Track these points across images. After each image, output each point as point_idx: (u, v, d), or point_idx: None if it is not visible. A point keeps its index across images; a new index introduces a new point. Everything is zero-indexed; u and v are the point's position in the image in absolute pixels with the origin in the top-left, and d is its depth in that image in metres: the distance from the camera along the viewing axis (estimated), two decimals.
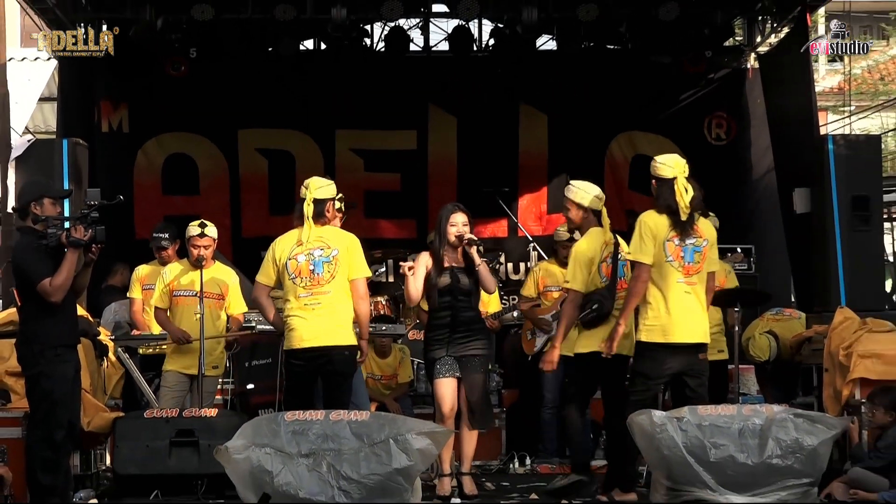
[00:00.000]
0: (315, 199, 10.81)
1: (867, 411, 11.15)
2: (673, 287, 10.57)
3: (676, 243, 10.58)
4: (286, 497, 9.56)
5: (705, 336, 10.75)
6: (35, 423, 10.20)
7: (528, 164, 18.07)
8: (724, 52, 18.12)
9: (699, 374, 10.75)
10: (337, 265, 10.67)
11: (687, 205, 10.54)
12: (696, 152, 17.51)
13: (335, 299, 10.69)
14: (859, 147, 14.02)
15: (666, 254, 10.56)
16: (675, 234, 10.57)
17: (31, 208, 10.18)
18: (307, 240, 10.71)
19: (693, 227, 10.62)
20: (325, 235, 10.73)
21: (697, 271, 10.65)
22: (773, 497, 9.86)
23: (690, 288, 10.62)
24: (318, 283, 10.67)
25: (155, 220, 16.06)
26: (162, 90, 17.57)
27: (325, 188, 10.95)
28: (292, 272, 10.70)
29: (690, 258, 10.61)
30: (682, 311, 10.56)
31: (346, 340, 10.73)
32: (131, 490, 11.14)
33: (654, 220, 10.64)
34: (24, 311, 10.22)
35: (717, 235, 13.43)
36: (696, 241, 10.64)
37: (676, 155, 10.98)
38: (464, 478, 11.09)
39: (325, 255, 10.67)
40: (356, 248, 10.81)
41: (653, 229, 10.58)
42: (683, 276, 10.58)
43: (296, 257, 10.70)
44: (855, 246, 13.37)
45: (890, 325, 12.40)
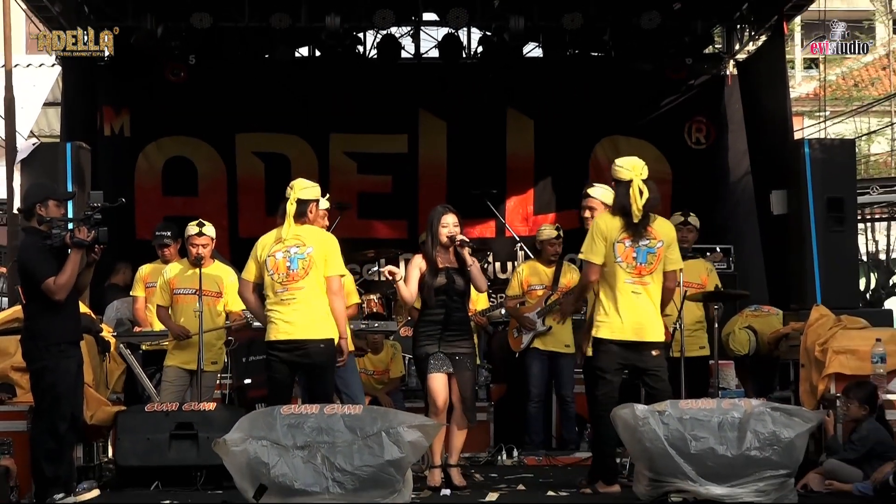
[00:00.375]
0: (298, 198, 10.87)
1: (842, 405, 11.17)
2: (621, 287, 10.59)
3: (627, 245, 10.58)
4: (282, 488, 9.57)
5: (655, 334, 10.73)
6: (39, 416, 10.23)
7: (516, 167, 18.08)
8: (703, 59, 18.13)
9: (654, 369, 10.74)
10: (311, 262, 10.72)
11: (639, 207, 10.54)
12: (677, 156, 17.64)
13: (310, 295, 10.73)
14: (834, 151, 14.02)
15: (615, 255, 10.57)
16: (626, 235, 10.57)
17: (36, 209, 10.21)
18: (286, 237, 10.78)
19: (647, 229, 10.61)
20: (303, 234, 10.79)
21: (650, 272, 10.63)
22: (752, 488, 9.87)
23: (641, 288, 10.62)
24: (293, 279, 10.73)
25: (155, 220, 16.04)
26: (162, 95, 17.58)
27: (309, 189, 11.00)
28: (270, 269, 10.78)
29: (643, 259, 10.60)
30: (629, 311, 10.58)
31: (322, 334, 10.75)
32: (132, 481, 11.14)
33: (605, 223, 10.67)
34: (29, 309, 10.24)
35: (698, 235, 13.54)
36: (649, 243, 10.63)
37: (636, 158, 10.96)
38: (452, 469, 11.09)
39: (300, 252, 10.73)
40: (331, 246, 10.86)
41: (604, 231, 10.62)
42: (633, 277, 10.59)
43: (274, 254, 10.78)
44: (830, 246, 13.39)
45: (864, 323, 12.43)
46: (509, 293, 13.83)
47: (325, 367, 10.81)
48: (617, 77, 17.94)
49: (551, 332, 13.55)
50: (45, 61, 27.49)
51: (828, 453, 11.10)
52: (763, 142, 16.36)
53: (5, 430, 10.94)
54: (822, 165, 13.58)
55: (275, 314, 10.79)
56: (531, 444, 13.56)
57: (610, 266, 10.59)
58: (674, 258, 10.80)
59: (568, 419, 13.83)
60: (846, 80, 37.45)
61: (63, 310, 10.12)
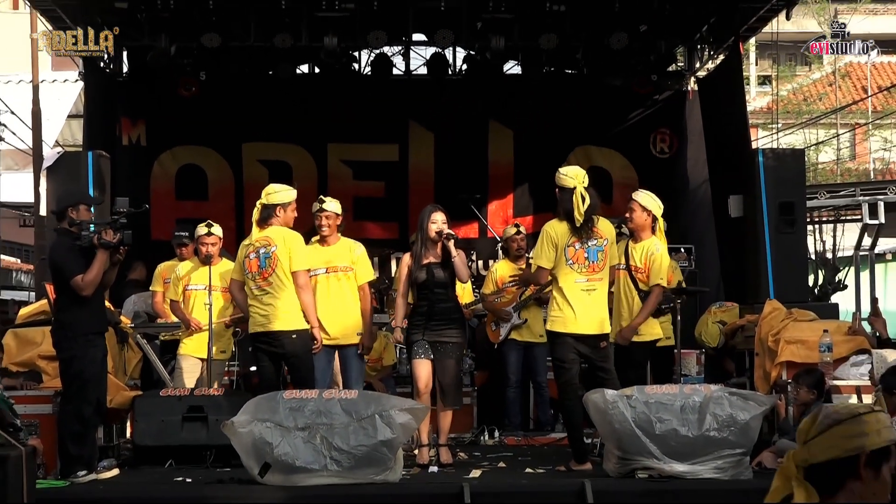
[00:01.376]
0: (263, 204, 11.09)
1: (792, 390, 11.18)
2: (572, 286, 10.62)
3: (577, 247, 10.63)
4: (284, 466, 9.57)
5: (605, 327, 10.79)
6: (67, 400, 10.24)
7: (497, 174, 18.07)
8: (667, 76, 18.14)
9: (604, 359, 10.81)
10: (276, 260, 10.86)
11: (581, 212, 10.57)
12: (643, 164, 17.65)
13: (278, 290, 10.88)
14: (786, 159, 14.04)
15: (566, 258, 10.61)
16: (574, 238, 10.62)
17: (69, 212, 10.25)
18: (253, 241, 11.02)
19: (593, 230, 10.66)
20: (270, 234, 10.96)
21: (602, 268, 10.70)
22: (711, 465, 9.89)
23: (594, 284, 10.68)
24: (264, 276, 10.92)
25: (169, 223, 16.09)
26: (175, 108, 17.55)
27: (275, 194, 11.16)
28: (247, 269, 11.01)
29: (594, 258, 10.65)
30: (580, 306, 10.61)
31: (292, 325, 10.89)
32: (148, 459, 11.13)
33: (555, 230, 10.71)
34: (59, 302, 10.27)
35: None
36: (597, 242, 10.68)
37: (577, 167, 11.11)
38: (441, 448, 11.09)
39: (266, 251, 10.91)
40: (294, 244, 10.96)
41: (553, 238, 10.65)
42: (585, 276, 10.63)
43: (249, 255, 10.99)
44: (782, 246, 13.41)
45: (812, 315, 12.46)
46: (485, 290, 13.87)
47: (298, 355, 10.91)
48: (589, 92, 17.96)
49: (527, 324, 13.58)
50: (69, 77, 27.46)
51: (780, 434, 11.12)
52: (721, 151, 16.37)
53: (33, 412, 10.94)
54: (775, 173, 13.60)
55: (252, 309, 11.02)
56: (510, 426, 13.57)
57: (561, 268, 10.63)
58: (614, 254, 10.94)
59: (543, 403, 13.86)
60: (796, 96, 37.51)
61: (90, 303, 10.14)
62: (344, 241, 11.92)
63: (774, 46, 34.27)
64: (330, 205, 11.77)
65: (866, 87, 36.86)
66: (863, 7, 39.99)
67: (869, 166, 35.92)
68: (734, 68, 16.54)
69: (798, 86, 38.60)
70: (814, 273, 21.20)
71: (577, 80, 18.34)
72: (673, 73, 18.35)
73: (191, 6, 15.63)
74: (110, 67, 17.27)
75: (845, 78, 38.26)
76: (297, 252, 10.93)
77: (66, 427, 10.15)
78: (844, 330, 12.12)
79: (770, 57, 39.73)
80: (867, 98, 35.87)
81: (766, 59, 40.90)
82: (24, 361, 11.73)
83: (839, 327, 12.16)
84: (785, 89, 37.49)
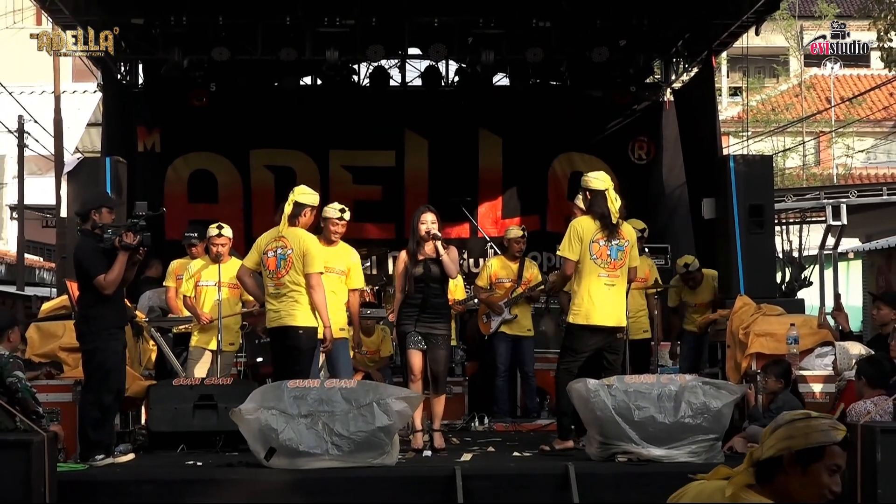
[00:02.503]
0: (296, 201, 10.98)
1: (762, 380, 11.18)
2: (595, 280, 10.59)
3: (602, 244, 10.59)
4: (289, 450, 9.55)
5: (621, 321, 10.77)
6: (88, 389, 10.23)
7: (486, 178, 18.05)
8: (645, 87, 18.14)
9: (616, 350, 10.82)
10: (291, 262, 10.79)
11: (616, 211, 10.57)
12: (622, 170, 17.62)
13: (290, 290, 10.80)
14: (755, 165, 14.02)
15: (591, 253, 10.57)
16: (601, 235, 10.58)
17: (92, 215, 10.25)
18: (275, 237, 10.92)
19: (619, 231, 10.64)
20: (288, 236, 10.87)
21: (621, 266, 10.67)
22: (686, 449, 9.89)
23: (614, 280, 10.64)
24: (279, 276, 10.84)
25: (182, 224, 16.03)
26: (187, 117, 17.52)
27: (307, 196, 11.09)
28: (266, 265, 10.93)
29: (615, 256, 10.62)
30: (601, 300, 10.58)
31: (302, 322, 10.80)
32: (162, 444, 11.13)
33: (582, 225, 10.68)
34: (83, 299, 10.26)
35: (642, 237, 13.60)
36: (619, 242, 10.64)
37: (603, 172, 11.07)
38: (434, 434, 11.08)
39: (283, 252, 10.84)
40: (309, 246, 10.87)
41: (580, 233, 10.62)
42: (606, 272, 10.59)
43: (268, 252, 10.90)
44: (751, 245, 13.38)
45: (780, 310, 12.47)
46: (479, 283, 13.87)
47: (301, 350, 10.83)
48: (572, 102, 17.95)
49: (516, 319, 13.58)
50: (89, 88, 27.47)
51: (750, 420, 11.11)
52: (695, 157, 16.38)
53: (54, 401, 10.93)
54: (745, 177, 13.58)
55: (268, 305, 10.96)
56: (499, 413, 13.56)
57: (585, 263, 10.59)
58: (635, 255, 10.89)
59: (530, 391, 13.87)
60: (765, 106, 37.52)
61: (112, 300, 10.14)
62: (343, 245, 11.97)
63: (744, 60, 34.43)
64: (348, 214, 11.93)
65: (830, 97, 36.89)
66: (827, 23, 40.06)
67: (832, 171, 35.95)
68: (707, 80, 16.54)
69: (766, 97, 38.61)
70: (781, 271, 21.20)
71: (561, 91, 18.33)
72: (650, 84, 18.35)
73: (202, 22, 15.64)
74: (127, 79, 17.27)
75: (810, 89, 38.30)
76: (312, 254, 10.87)
77: (87, 414, 10.15)
78: (810, 324, 12.13)
79: (740, 70, 39.79)
80: (831, 108, 35.90)
81: (737, 72, 40.96)
82: (46, 353, 11.72)
83: (805, 321, 12.17)
84: (754, 100, 37.51)
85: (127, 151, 15.80)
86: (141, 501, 9.18)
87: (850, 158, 36.47)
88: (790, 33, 39.85)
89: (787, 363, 11.22)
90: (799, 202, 20.73)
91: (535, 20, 15.69)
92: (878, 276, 20.14)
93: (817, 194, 20.78)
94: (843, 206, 19.62)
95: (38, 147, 26.07)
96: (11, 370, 9.95)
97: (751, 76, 40.18)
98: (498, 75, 18.42)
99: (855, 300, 21.50)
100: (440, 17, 15.88)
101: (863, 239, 24.34)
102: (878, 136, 38.21)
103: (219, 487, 9.23)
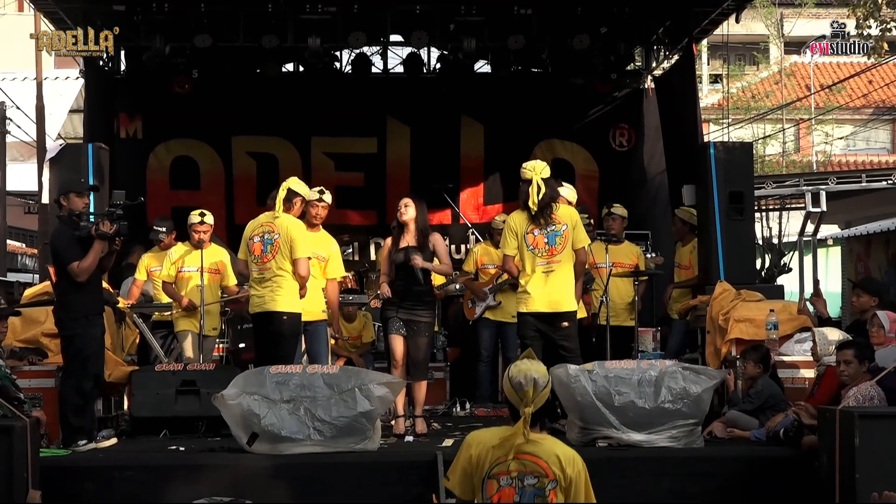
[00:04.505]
0: (289, 188, 11.14)
1: (741, 365, 11.23)
2: (534, 269, 10.75)
3: (536, 234, 10.75)
4: (271, 435, 9.58)
5: (559, 306, 10.79)
6: (68, 375, 10.25)
7: (468, 165, 18.03)
8: (626, 75, 18.12)
9: (566, 338, 10.85)
10: (278, 247, 10.88)
11: (535, 201, 10.69)
12: (604, 157, 17.66)
13: (275, 275, 10.89)
14: (735, 152, 14.01)
15: (527, 244, 10.74)
16: (533, 226, 10.72)
17: (61, 201, 10.23)
18: (261, 223, 11.02)
19: (550, 217, 10.74)
20: (276, 223, 10.96)
21: (561, 251, 10.75)
22: (666, 434, 9.92)
23: (553, 266, 10.75)
24: (265, 260, 10.94)
25: (164, 210, 16.08)
26: (169, 104, 17.46)
27: (300, 185, 11.28)
28: (251, 251, 11.02)
29: (553, 242, 10.75)
30: (538, 288, 10.74)
31: (286, 308, 10.90)
32: (144, 429, 11.14)
33: (514, 220, 10.90)
34: (60, 285, 10.27)
35: (625, 223, 13.66)
36: (555, 227, 10.76)
37: (538, 161, 11.20)
38: (416, 419, 11.11)
39: (269, 238, 10.93)
40: (296, 233, 10.99)
41: (514, 227, 10.84)
42: (545, 259, 10.73)
43: (254, 238, 11.00)
44: (731, 232, 13.39)
45: (759, 296, 12.51)
46: (465, 268, 13.89)
47: (284, 335, 10.89)
48: (553, 90, 17.92)
49: (500, 305, 13.59)
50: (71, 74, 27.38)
51: (729, 405, 11.16)
52: (676, 144, 16.37)
53: (36, 386, 10.96)
54: (725, 164, 13.59)
55: (252, 290, 11.07)
56: (481, 398, 13.59)
57: (524, 253, 10.77)
58: (580, 237, 10.89)
59: None
60: (745, 93, 37.58)
61: (89, 286, 10.16)
62: (324, 233, 12.07)
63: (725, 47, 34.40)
64: (327, 196, 12.09)
65: (809, 85, 36.96)
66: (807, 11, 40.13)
67: (812, 159, 36.06)
68: (688, 68, 16.52)
69: (747, 84, 38.69)
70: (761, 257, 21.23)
71: (542, 78, 18.31)
72: (631, 72, 18.33)
73: (184, 9, 15.56)
74: (109, 66, 17.19)
75: (790, 77, 38.38)
76: (299, 240, 10.95)
77: (67, 400, 10.17)
78: (789, 310, 12.19)
79: (721, 57, 39.80)
80: (810, 96, 35.98)
81: (718, 59, 40.98)
82: (28, 339, 11.75)
83: (784, 307, 12.22)
84: (734, 87, 37.60)
85: (109, 138, 15.75)
86: (123, 486, 9.18)
87: (829, 146, 36.58)
88: (770, 21, 39.89)
89: (765, 349, 11.27)
90: (779, 189, 20.75)
91: (516, 7, 15.65)
92: (857, 262, 20.20)
93: (797, 181, 20.79)
94: (822, 193, 19.66)
95: (21, 133, 25.99)
96: None
97: (731, 63, 40.22)
98: (480, 62, 18.39)
99: (834, 286, 21.59)
100: (422, 5, 15.83)
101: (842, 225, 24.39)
102: (857, 124, 38.32)
103: (201, 472, 9.24)
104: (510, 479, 5.90)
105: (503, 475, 5.89)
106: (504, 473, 5.88)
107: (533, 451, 5.88)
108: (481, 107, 17.98)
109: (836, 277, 22.26)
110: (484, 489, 5.92)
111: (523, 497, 5.89)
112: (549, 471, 5.87)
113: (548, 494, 5.89)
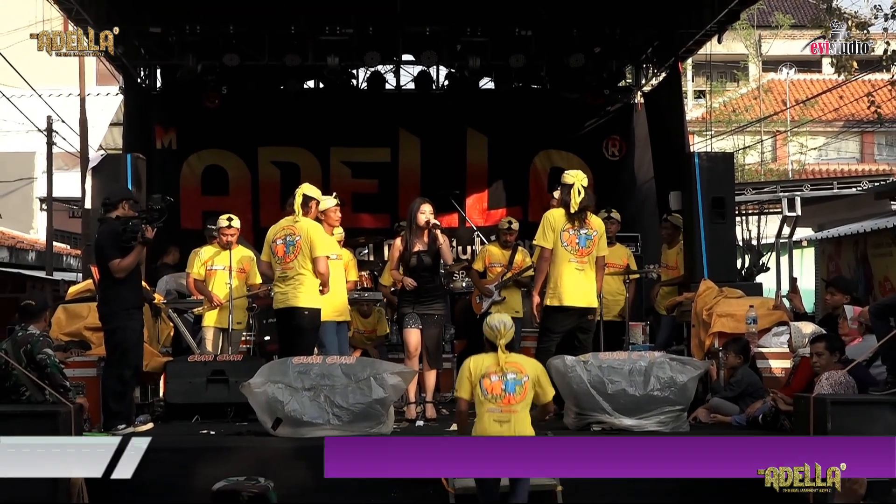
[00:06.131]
0: (304, 194, 11.11)
1: (723, 356, 11.23)
2: (566, 266, 10.73)
3: (571, 233, 10.76)
4: (293, 420, 9.57)
5: (592, 302, 10.87)
6: (110, 364, 10.24)
7: (473, 173, 18.01)
8: (617, 90, 18.11)
9: (586, 330, 10.93)
10: (299, 248, 10.83)
11: (576, 203, 10.70)
12: (597, 166, 17.61)
13: (297, 273, 10.83)
14: (717, 161, 14.01)
15: (562, 241, 10.73)
16: (570, 225, 10.71)
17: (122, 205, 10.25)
18: (283, 227, 10.95)
19: (585, 221, 10.77)
20: (296, 225, 10.91)
21: (588, 254, 10.79)
22: (654, 420, 9.94)
23: (582, 266, 10.77)
24: (287, 260, 10.88)
25: (197, 214, 16.18)
26: (201, 117, 17.46)
27: (313, 190, 11.25)
28: (274, 252, 10.96)
29: (583, 244, 10.78)
30: (572, 283, 10.73)
31: (306, 303, 10.84)
32: (178, 415, 11.16)
33: (553, 216, 10.86)
34: (103, 282, 10.29)
35: (619, 227, 13.64)
36: (587, 231, 10.80)
37: (580, 170, 11.13)
38: (426, 405, 11.11)
39: (291, 239, 10.88)
40: (315, 234, 10.95)
41: (552, 223, 10.80)
42: (576, 258, 10.73)
43: (276, 240, 10.94)
44: (714, 234, 13.38)
45: (740, 293, 12.50)
46: (475, 266, 13.85)
47: (304, 329, 10.86)
48: (551, 104, 17.89)
49: (505, 301, 13.54)
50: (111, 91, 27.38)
51: (712, 393, 11.16)
52: (663, 154, 16.38)
53: (80, 375, 11.00)
54: (708, 173, 13.58)
55: (275, 288, 11.00)
56: None
57: (558, 249, 10.71)
58: (603, 246, 10.98)
59: None
60: (726, 108, 37.50)
61: (129, 282, 10.16)
62: (337, 234, 12.11)
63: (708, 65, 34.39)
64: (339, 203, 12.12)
65: (786, 100, 36.89)
66: (783, 32, 40.05)
67: (788, 167, 35.99)
68: (674, 84, 16.53)
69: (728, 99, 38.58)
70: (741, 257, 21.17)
71: (541, 93, 18.27)
72: (622, 88, 18.31)
73: (214, 30, 15.62)
74: (146, 83, 17.24)
75: (768, 93, 38.31)
76: (318, 240, 10.91)
77: (108, 388, 10.16)
78: (767, 305, 12.17)
79: (704, 74, 39.75)
80: (786, 110, 35.93)
81: (701, 77, 40.91)
82: (72, 332, 11.78)
83: (762, 303, 12.21)
84: (717, 102, 37.52)
85: (146, 149, 15.79)
86: (159, 467, 9.18)
87: (803, 155, 36.52)
88: (749, 41, 39.83)
89: (745, 341, 11.26)
90: (757, 195, 20.73)
91: (517, 29, 15.70)
92: (829, 262, 20.17)
93: (774, 188, 20.76)
94: (797, 199, 19.66)
95: (66, 145, 25.99)
96: (41, 348, 9.97)
97: (713, 80, 40.18)
98: (484, 79, 18.39)
99: (808, 284, 21.54)
100: (431, 27, 15.89)
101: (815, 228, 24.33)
102: (829, 136, 38.32)
103: (230, 454, 9.23)
104: (498, 376, 8.16)
105: (493, 374, 8.17)
106: (494, 373, 8.17)
107: (512, 360, 8.27)
108: (485, 119, 17.96)
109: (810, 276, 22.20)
110: (480, 385, 8.17)
111: (507, 387, 8.14)
112: (523, 370, 8.23)
113: (523, 384, 8.16)
